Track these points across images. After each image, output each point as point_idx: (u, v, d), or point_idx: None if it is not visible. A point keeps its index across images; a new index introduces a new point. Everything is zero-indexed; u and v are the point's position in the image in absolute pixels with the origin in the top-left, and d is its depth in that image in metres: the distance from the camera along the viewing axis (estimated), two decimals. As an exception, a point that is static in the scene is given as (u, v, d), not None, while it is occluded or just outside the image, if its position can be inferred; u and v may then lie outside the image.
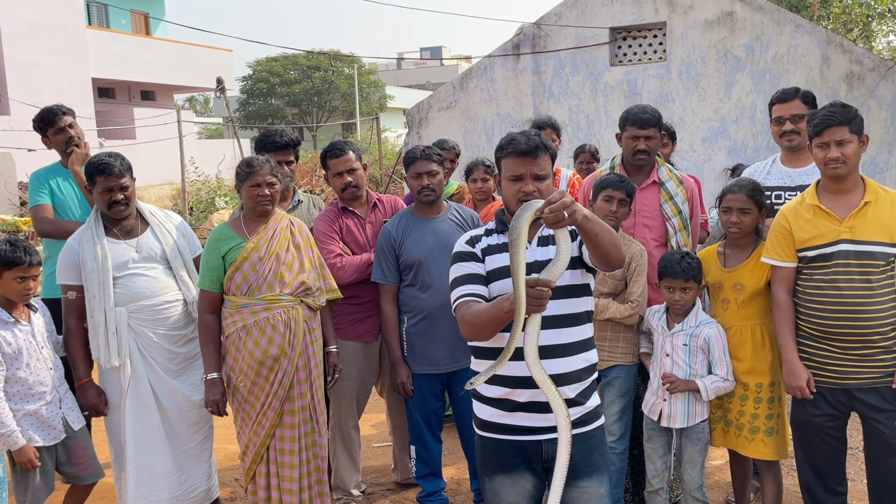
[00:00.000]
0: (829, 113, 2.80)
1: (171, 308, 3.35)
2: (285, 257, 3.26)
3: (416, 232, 3.48)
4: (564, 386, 2.31)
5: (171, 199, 17.59)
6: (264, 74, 35.06)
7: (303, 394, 3.28)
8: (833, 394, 2.90)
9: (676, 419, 3.16)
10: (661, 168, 3.49)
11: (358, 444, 3.83)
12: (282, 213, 3.40)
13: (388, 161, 17.12)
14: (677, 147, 6.93)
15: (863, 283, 2.78)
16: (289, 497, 3.26)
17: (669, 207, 3.43)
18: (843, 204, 2.85)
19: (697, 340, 3.11)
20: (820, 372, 2.91)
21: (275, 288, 3.22)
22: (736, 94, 6.68)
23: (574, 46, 7.23)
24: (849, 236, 2.81)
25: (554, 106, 7.32)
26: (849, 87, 6.24)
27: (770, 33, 6.52)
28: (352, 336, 3.69)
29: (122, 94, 22.31)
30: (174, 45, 22.52)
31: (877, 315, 2.78)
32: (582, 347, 2.37)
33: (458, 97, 7.85)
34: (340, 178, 3.64)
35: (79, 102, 17.95)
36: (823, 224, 2.85)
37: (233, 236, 3.28)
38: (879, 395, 2.83)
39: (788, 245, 2.92)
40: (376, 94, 36.28)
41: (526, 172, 2.30)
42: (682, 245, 3.42)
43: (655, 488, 3.29)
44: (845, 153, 2.77)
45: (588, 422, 2.41)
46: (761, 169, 3.65)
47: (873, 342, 2.80)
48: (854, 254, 2.80)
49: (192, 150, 16.66)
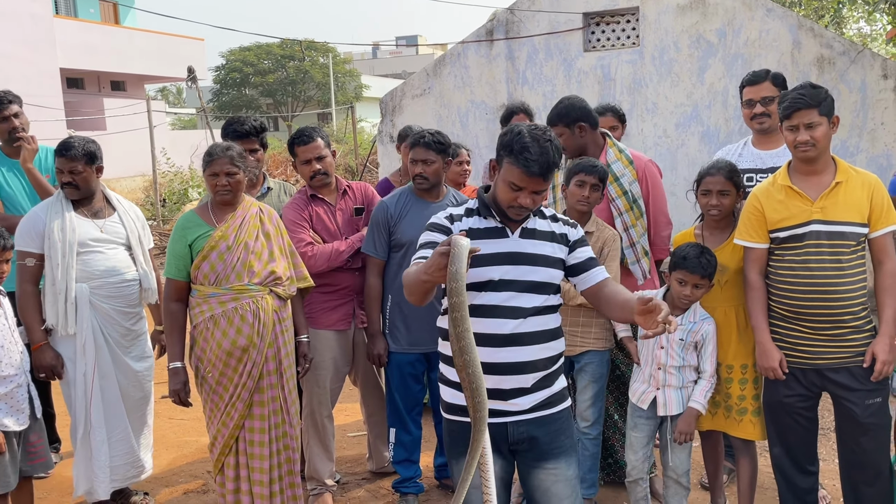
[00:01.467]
0: (798, 95, 2.78)
1: (129, 286, 3.54)
2: (254, 246, 3.21)
3: (413, 213, 3.45)
4: (522, 375, 2.32)
5: (143, 190, 17.35)
6: (237, 64, 34.65)
7: (273, 385, 3.24)
8: (805, 374, 2.91)
9: (672, 406, 3.13)
10: (609, 150, 3.47)
11: (332, 434, 3.80)
12: (251, 200, 3.35)
13: (364, 150, 17.01)
14: (651, 132, 6.95)
15: (834, 264, 2.79)
16: (259, 488, 3.22)
17: (615, 189, 3.42)
18: (815, 184, 2.85)
19: (695, 336, 3.09)
20: (791, 352, 2.91)
21: (243, 277, 3.17)
22: (708, 79, 6.69)
23: (547, 32, 7.19)
24: (820, 216, 2.81)
25: (528, 92, 7.28)
26: (819, 71, 6.28)
27: (742, 18, 6.53)
28: (325, 325, 3.64)
29: (91, 85, 21.92)
30: (144, 34, 22.15)
31: (847, 295, 2.79)
32: (545, 337, 2.36)
33: (432, 84, 7.79)
34: (309, 165, 3.59)
35: (47, 93, 17.61)
36: (795, 205, 2.85)
37: (200, 224, 3.22)
38: (850, 374, 2.84)
39: (760, 226, 2.92)
40: (352, 83, 36.03)
41: (528, 188, 2.25)
42: (629, 225, 3.41)
43: (635, 477, 3.27)
44: (814, 136, 2.76)
45: (553, 404, 2.41)
46: (733, 151, 3.65)
47: (844, 322, 2.81)
48: (825, 234, 2.80)
49: (164, 141, 16.44)
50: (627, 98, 6.99)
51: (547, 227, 2.42)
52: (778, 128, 3.52)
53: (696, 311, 3.12)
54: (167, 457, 4.53)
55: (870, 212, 2.80)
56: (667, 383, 3.13)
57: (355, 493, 3.91)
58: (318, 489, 3.74)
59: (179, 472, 4.29)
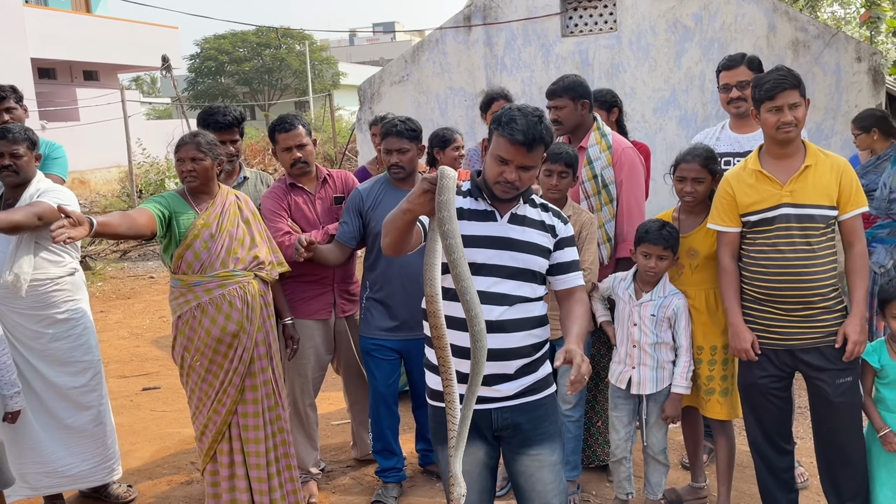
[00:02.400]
0: (780, 77, 2.79)
1: (32, 287, 3.32)
2: (236, 233, 3.21)
3: (388, 202, 3.42)
4: (506, 361, 2.32)
5: (118, 181, 17.14)
6: (212, 52, 34.21)
7: (264, 368, 3.24)
8: (777, 355, 2.95)
9: (646, 385, 3.20)
10: (592, 133, 3.49)
11: (315, 423, 3.80)
12: (227, 188, 3.34)
13: (343, 139, 16.92)
14: (629, 117, 6.96)
15: (804, 246, 2.83)
16: (256, 472, 3.22)
17: (586, 172, 3.45)
18: (785, 168, 2.88)
19: (666, 311, 3.15)
20: (764, 334, 2.95)
21: (228, 264, 3.17)
22: (686, 63, 6.72)
23: (525, 17, 7.18)
24: (790, 200, 2.84)
25: (507, 78, 7.27)
26: (794, 54, 6.33)
27: (718, 2, 6.55)
28: (305, 314, 3.63)
29: (63, 75, 21.56)
30: (117, 22, 21.80)
31: (817, 277, 2.83)
32: (530, 324, 2.36)
33: (410, 71, 7.75)
34: (289, 153, 3.56)
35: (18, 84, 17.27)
36: (765, 189, 2.88)
37: (184, 204, 3.20)
38: (821, 354, 2.88)
39: (732, 210, 2.95)
40: (329, 71, 35.73)
41: (513, 161, 2.23)
42: (594, 209, 3.44)
43: (619, 457, 3.33)
44: (797, 116, 2.79)
45: (537, 390, 2.41)
46: (710, 135, 3.68)
47: (814, 303, 2.85)
48: (795, 217, 2.83)
49: (139, 131, 16.21)
50: (606, 83, 7.00)
51: (537, 215, 2.41)
52: (751, 112, 3.56)
53: (665, 286, 3.18)
54: (149, 449, 4.50)
55: (839, 195, 2.83)
56: (642, 362, 3.18)
57: (340, 481, 3.91)
58: (303, 477, 3.74)
59: (163, 463, 4.28)
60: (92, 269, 9.80)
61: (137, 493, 3.85)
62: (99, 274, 9.71)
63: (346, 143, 15.06)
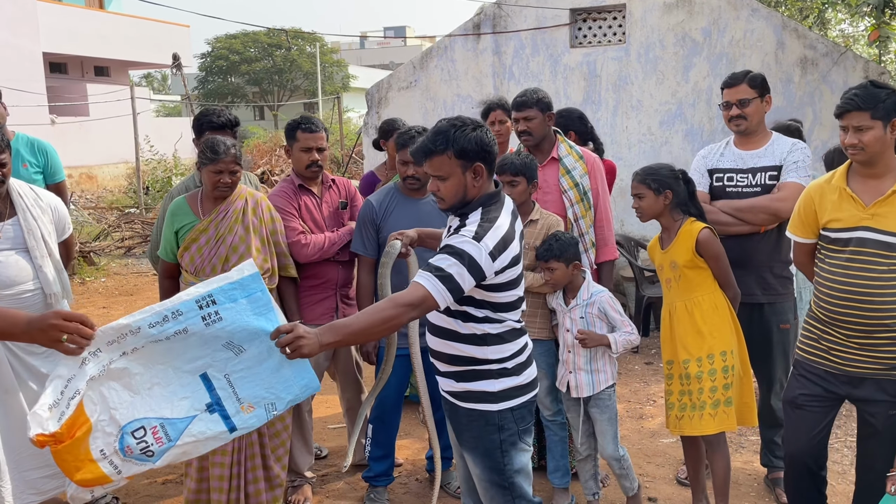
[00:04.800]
0: (851, 96, 2.66)
1: (31, 296, 3.19)
2: (231, 240, 3.26)
3: (398, 211, 3.46)
4: (434, 358, 2.53)
5: (126, 178, 17.21)
6: (223, 52, 34.38)
7: None
8: (831, 377, 2.83)
9: (583, 389, 3.33)
10: (560, 145, 3.62)
11: (310, 427, 3.81)
12: (239, 191, 3.36)
13: (350, 142, 16.96)
14: (635, 130, 6.98)
15: (876, 274, 2.66)
16: (218, 470, 3.31)
17: (566, 181, 3.55)
18: (872, 189, 2.70)
19: (592, 310, 3.31)
20: (824, 355, 2.84)
21: (218, 271, 3.19)
22: (693, 77, 6.72)
23: (534, 27, 7.20)
24: (870, 224, 2.67)
25: (514, 87, 7.28)
26: (802, 71, 6.33)
27: (727, 17, 6.56)
28: (307, 318, 3.64)
29: (74, 70, 21.69)
30: (129, 19, 21.92)
31: (884, 307, 2.66)
32: (446, 335, 2.45)
33: (418, 77, 7.77)
34: (309, 153, 3.57)
35: (29, 78, 17.38)
36: (847, 208, 2.72)
37: (188, 213, 3.31)
38: (877, 385, 2.74)
39: (812, 222, 2.84)
40: (339, 73, 35.85)
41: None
42: (579, 216, 3.54)
43: (583, 455, 3.45)
44: (863, 140, 2.63)
45: (463, 398, 2.47)
46: (715, 151, 3.68)
47: (875, 333, 2.69)
48: (872, 242, 2.67)
49: (148, 128, 16.29)
50: (613, 95, 7.02)
51: (457, 224, 2.40)
52: (758, 129, 3.57)
53: (589, 288, 3.34)
54: (146, 447, 4.51)
55: None
56: (577, 366, 3.32)
57: (335, 486, 3.92)
58: (297, 481, 3.75)
59: (158, 462, 4.28)
60: (95, 264, 9.83)
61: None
62: (102, 270, 9.74)
63: (353, 146, 15.10)
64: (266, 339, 2.13)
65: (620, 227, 6.93)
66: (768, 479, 3.75)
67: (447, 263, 2.23)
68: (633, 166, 6.94)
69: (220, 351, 2.15)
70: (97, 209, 13.97)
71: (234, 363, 2.16)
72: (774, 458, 3.67)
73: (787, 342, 3.54)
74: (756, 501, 3.63)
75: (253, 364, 2.17)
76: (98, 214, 12.99)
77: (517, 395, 2.46)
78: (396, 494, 3.78)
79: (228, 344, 2.14)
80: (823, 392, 2.85)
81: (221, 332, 2.11)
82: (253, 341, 2.14)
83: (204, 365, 2.16)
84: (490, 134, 2.38)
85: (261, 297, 2.14)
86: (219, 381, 2.17)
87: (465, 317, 2.40)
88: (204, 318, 2.09)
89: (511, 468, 2.46)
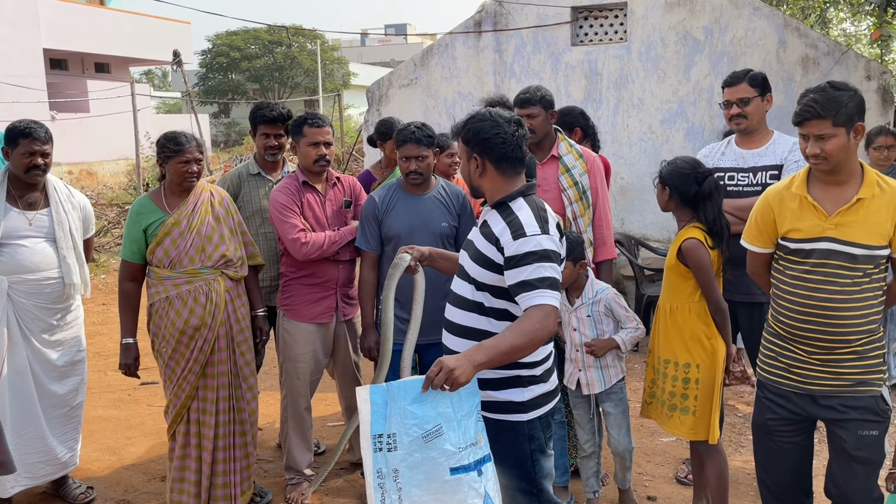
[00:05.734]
0: (809, 102, 2.43)
1: (52, 284, 3.49)
2: (206, 231, 3.37)
3: (400, 206, 3.46)
4: None
5: (126, 174, 17.20)
6: (224, 49, 34.30)
7: (223, 360, 3.41)
8: (795, 397, 2.64)
9: (594, 385, 3.34)
10: (560, 143, 3.61)
11: (310, 425, 3.80)
12: (202, 184, 3.46)
13: (350, 139, 16.94)
14: (636, 128, 6.97)
15: (838, 287, 2.48)
16: (207, 455, 3.40)
17: (565, 179, 3.54)
18: (834, 197, 2.49)
19: (598, 307, 3.32)
20: (783, 373, 2.66)
21: (195, 261, 3.34)
22: (694, 76, 6.70)
23: (535, 25, 7.18)
24: (833, 234, 2.47)
25: (515, 85, 7.26)
26: (804, 70, 6.32)
27: (728, 16, 6.54)
28: (307, 317, 3.63)
29: (75, 66, 21.65)
30: (129, 16, 21.87)
31: (846, 321, 2.49)
32: (469, 334, 2.40)
33: (419, 74, 7.76)
34: (316, 147, 3.55)
35: (30, 74, 17.36)
36: (808, 217, 2.52)
37: (154, 210, 3.38)
38: (842, 402, 2.55)
39: (769, 231, 2.65)
40: (340, 70, 35.80)
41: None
42: (577, 215, 3.53)
43: (588, 453, 3.47)
44: (826, 149, 2.41)
45: (489, 409, 2.39)
46: (716, 150, 3.67)
47: (836, 349, 2.53)
48: (835, 254, 2.47)
49: (148, 125, 16.26)
50: (614, 93, 7.01)
51: (495, 224, 2.37)
52: (759, 127, 3.56)
53: (593, 286, 3.35)
54: (145, 444, 4.51)
55: (894, 234, 2.45)
56: (587, 364, 3.33)
57: (333, 484, 3.92)
58: (296, 479, 3.74)
59: (158, 459, 4.28)
60: (96, 261, 9.83)
61: (95, 494, 3.81)
62: (102, 266, 9.73)
63: (354, 143, 15.08)
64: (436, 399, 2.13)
65: (621, 225, 6.92)
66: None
67: (544, 272, 2.24)
68: (633, 164, 7.01)
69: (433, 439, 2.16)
70: (97, 206, 13.95)
71: (447, 426, 2.16)
72: None
73: None
74: (755, 501, 3.62)
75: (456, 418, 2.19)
76: (98, 211, 12.97)
77: (545, 403, 2.46)
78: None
79: (426, 434, 2.14)
80: (790, 414, 2.65)
81: (414, 440, 2.13)
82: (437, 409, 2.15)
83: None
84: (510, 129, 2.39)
85: (388, 394, 2.17)
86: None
87: (502, 315, 2.37)
88: (388, 447, 2.13)
89: (540, 475, 2.45)
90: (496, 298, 2.35)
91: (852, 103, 2.42)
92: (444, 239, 3.45)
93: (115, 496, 3.84)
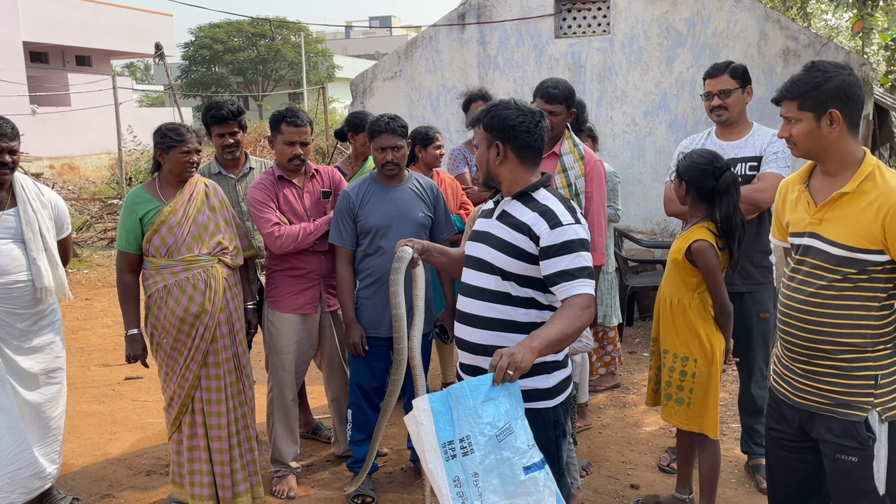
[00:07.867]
0: (787, 82, 2.29)
1: (21, 287, 3.28)
2: (202, 220, 3.39)
3: (376, 199, 3.47)
4: (475, 355, 2.43)
5: (108, 168, 17.05)
6: (207, 41, 34.06)
7: (226, 346, 3.42)
8: (796, 411, 2.42)
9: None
10: (564, 141, 3.50)
11: (296, 417, 3.81)
12: (197, 176, 3.48)
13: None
14: (620, 120, 7.00)
15: (817, 290, 2.27)
16: (217, 443, 3.42)
17: (560, 179, 3.46)
18: (826, 189, 2.28)
19: None
20: (778, 381, 2.50)
21: (193, 249, 3.35)
22: (677, 68, 6.74)
23: (519, 17, 7.19)
24: (817, 230, 2.27)
25: (499, 77, 7.28)
26: (785, 62, 6.37)
27: (711, 8, 6.58)
28: (290, 308, 3.64)
29: (55, 59, 21.43)
30: (111, 8, 21.66)
31: (824, 332, 2.27)
32: (497, 325, 2.38)
33: (403, 67, 7.75)
34: (292, 147, 3.55)
35: (9, 67, 17.17)
36: (800, 209, 2.34)
37: (150, 199, 3.37)
38: (824, 423, 2.33)
39: (781, 223, 2.49)
40: (324, 63, 35.64)
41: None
42: None
43: None
44: (793, 134, 2.26)
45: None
46: (697, 141, 3.70)
47: (814, 361, 2.32)
48: (813, 251, 2.28)
49: (130, 118, 16.15)
50: (597, 85, 7.03)
51: (523, 214, 2.36)
52: (739, 119, 3.60)
53: None
54: (130, 439, 4.50)
55: (886, 239, 2.16)
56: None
57: (319, 476, 3.93)
58: (282, 471, 3.76)
59: (143, 454, 4.28)
60: (79, 256, 9.75)
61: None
62: (85, 261, 9.66)
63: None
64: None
65: (605, 217, 6.95)
66: (749, 466, 3.80)
67: (582, 262, 2.26)
68: (616, 157, 7.04)
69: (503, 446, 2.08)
70: (79, 200, 13.84)
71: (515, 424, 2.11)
72: (755, 444, 3.72)
73: (766, 331, 3.57)
74: (737, 488, 3.67)
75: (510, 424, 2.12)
76: (80, 205, 12.86)
77: (565, 388, 2.47)
78: (381, 483, 3.80)
79: (500, 433, 2.07)
80: (790, 428, 2.45)
81: (490, 441, 2.05)
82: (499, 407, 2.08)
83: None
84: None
85: (451, 398, 2.08)
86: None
87: (528, 303, 2.36)
88: (463, 452, 2.04)
89: (562, 459, 2.48)
90: (522, 287, 2.35)
91: (827, 86, 2.19)
92: (423, 229, 3.50)
93: (100, 491, 3.83)
